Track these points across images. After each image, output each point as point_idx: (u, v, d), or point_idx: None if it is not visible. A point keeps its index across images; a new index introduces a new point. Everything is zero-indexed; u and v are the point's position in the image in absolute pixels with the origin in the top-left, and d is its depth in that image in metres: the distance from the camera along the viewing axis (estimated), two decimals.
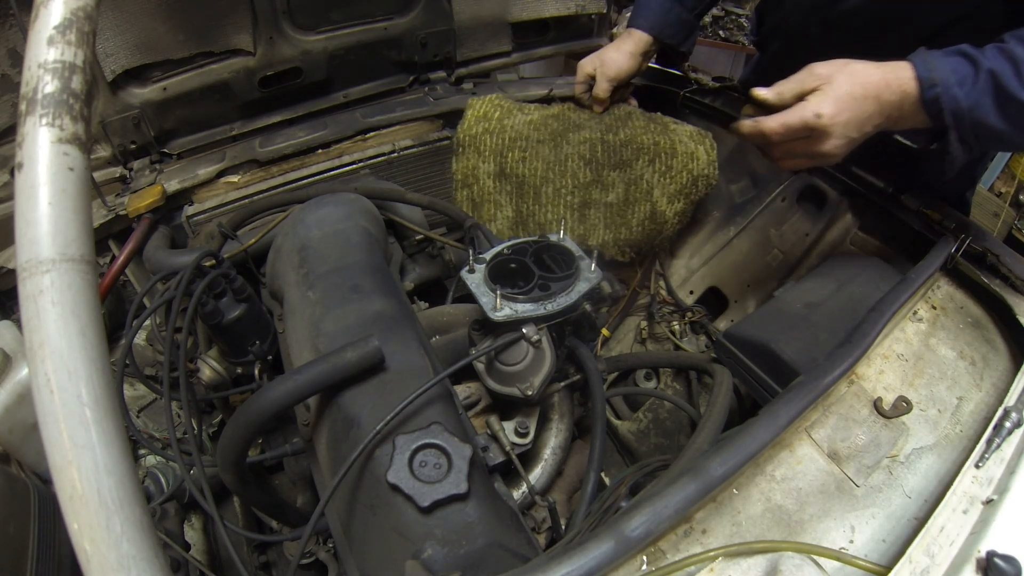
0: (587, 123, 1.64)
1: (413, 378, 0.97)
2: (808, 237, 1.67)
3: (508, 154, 1.58)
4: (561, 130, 1.60)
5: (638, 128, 1.59)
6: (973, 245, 1.20)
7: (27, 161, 0.61)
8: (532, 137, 1.58)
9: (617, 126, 1.61)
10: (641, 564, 0.72)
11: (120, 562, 0.53)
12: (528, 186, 1.58)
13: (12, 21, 1.33)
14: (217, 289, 1.20)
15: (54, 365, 0.56)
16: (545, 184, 1.56)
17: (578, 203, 1.57)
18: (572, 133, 1.59)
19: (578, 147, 1.56)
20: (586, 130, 1.60)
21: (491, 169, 1.62)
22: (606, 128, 1.61)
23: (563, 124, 1.62)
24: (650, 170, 1.55)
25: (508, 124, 1.61)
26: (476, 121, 1.63)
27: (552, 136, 1.58)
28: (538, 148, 1.57)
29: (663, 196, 1.56)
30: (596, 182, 1.56)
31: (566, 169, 1.56)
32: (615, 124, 1.63)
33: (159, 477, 1.36)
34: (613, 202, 1.56)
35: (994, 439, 0.87)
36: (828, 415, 0.94)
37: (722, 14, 4.04)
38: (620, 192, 1.56)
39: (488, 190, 1.64)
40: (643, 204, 1.56)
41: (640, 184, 1.55)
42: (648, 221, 1.57)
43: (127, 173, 1.68)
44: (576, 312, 1.14)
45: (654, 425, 1.56)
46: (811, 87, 1.08)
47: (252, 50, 1.67)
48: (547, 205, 1.58)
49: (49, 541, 0.92)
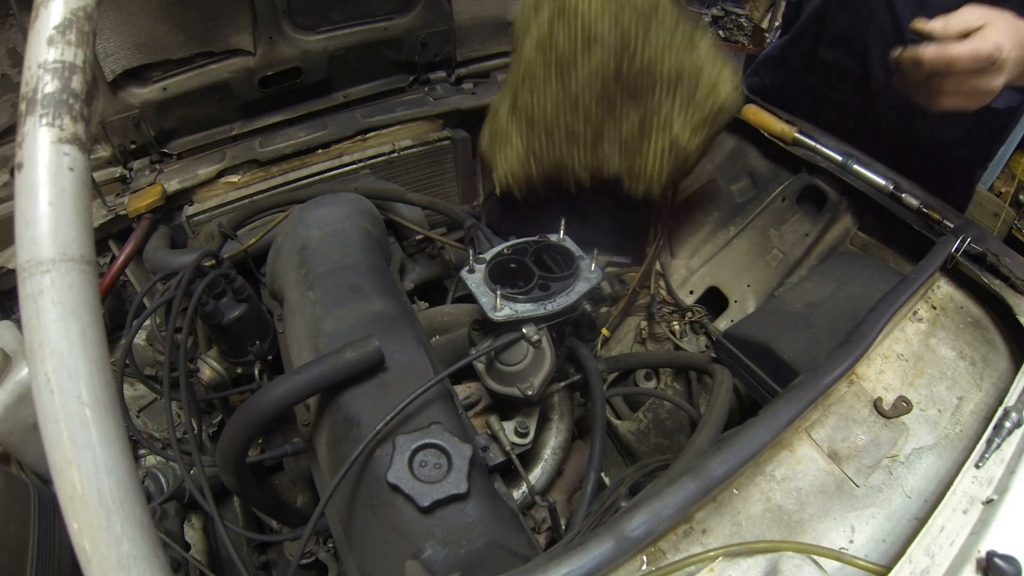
0: (603, 36, 1.40)
1: (413, 378, 0.97)
2: (808, 237, 1.67)
3: (520, 88, 1.46)
4: (567, 52, 1.41)
5: (660, 45, 1.39)
6: (973, 245, 1.20)
7: (27, 161, 0.61)
8: (538, 69, 1.43)
9: (636, 41, 1.40)
10: (641, 564, 0.72)
11: (120, 562, 0.53)
12: (538, 125, 1.48)
13: (12, 21, 1.33)
14: (217, 289, 1.20)
15: (54, 365, 0.56)
16: (556, 122, 1.46)
17: (591, 139, 1.47)
18: (583, 56, 1.40)
19: (588, 81, 1.41)
20: (599, 49, 1.40)
21: (507, 104, 1.52)
22: (623, 46, 1.39)
23: (570, 35, 1.40)
24: (669, 100, 1.42)
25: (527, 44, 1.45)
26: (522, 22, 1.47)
27: (559, 65, 1.41)
28: (544, 87, 1.43)
29: (686, 128, 1.43)
30: (609, 113, 1.44)
31: (577, 107, 1.43)
32: (634, 38, 1.40)
33: (159, 477, 1.36)
34: (627, 136, 1.46)
35: (994, 439, 0.87)
36: (828, 415, 0.94)
37: (722, 14, 4.03)
38: (635, 124, 1.44)
39: (502, 126, 1.54)
40: (662, 136, 1.45)
41: (659, 115, 1.43)
42: (668, 153, 1.46)
43: (127, 173, 1.68)
44: (576, 312, 1.14)
45: (654, 425, 1.56)
46: (975, 25, 1.07)
47: (252, 50, 1.67)
48: (558, 143, 1.48)
49: (49, 541, 0.92)
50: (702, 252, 1.87)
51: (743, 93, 1.47)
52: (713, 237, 1.86)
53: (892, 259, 1.46)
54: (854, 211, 1.58)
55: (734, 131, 1.87)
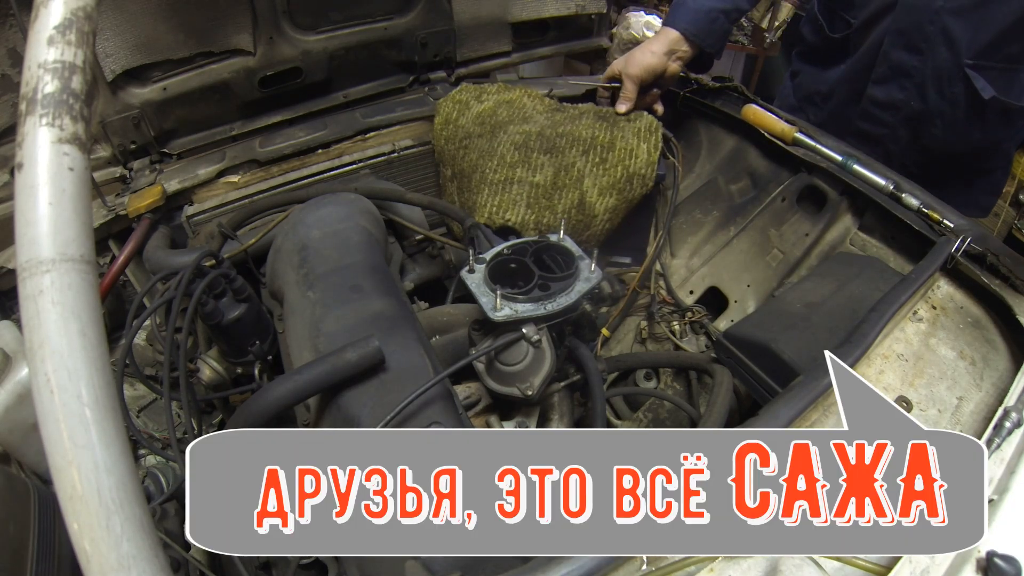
0: (536, 117, 1.64)
1: (413, 378, 0.97)
2: (808, 237, 1.67)
3: (457, 155, 1.61)
4: (505, 120, 1.61)
5: (583, 125, 1.59)
6: (973, 245, 1.20)
7: (27, 161, 0.61)
8: (474, 132, 1.60)
9: (564, 121, 1.61)
10: (641, 564, 0.72)
11: (120, 562, 0.53)
12: (465, 177, 1.58)
13: (12, 21, 1.33)
14: (217, 289, 1.20)
15: (54, 365, 0.56)
16: (475, 171, 1.55)
17: (501, 179, 1.53)
18: (514, 125, 1.59)
19: (512, 136, 1.56)
20: (530, 123, 1.60)
21: (449, 173, 1.67)
22: (551, 124, 1.60)
23: (511, 114, 1.64)
24: (583, 160, 1.51)
25: (462, 124, 1.64)
26: (440, 130, 1.67)
27: (492, 128, 1.59)
28: (477, 142, 1.58)
29: (594, 187, 1.51)
30: (523, 162, 1.52)
31: (495, 154, 1.54)
32: (563, 120, 1.62)
33: (159, 477, 1.36)
34: (540, 183, 1.51)
35: (994, 439, 0.87)
36: (828, 415, 0.94)
37: None
38: (548, 175, 1.51)
39: (448, 192, 1.69)
40: (572, 191, 1.51)
41: (571, 171, 1.51)
42: (575, 210, 1.52)
43: (127, 173, 1.68)
44: (576, 312, 1.14)
45: (654, 425, 1.55)
46: None
47: (252, 50, 1.67)
48: (474, 189, 1.55)
49: (49, 541, 0.92)
50: (702, 252, 1.87)
51: (656, 171, 1.56)
52: (713, 237, 1.86)
53: (892, 259, 1.46)
54: (854, 211, 1.58)
55: (734, 131, 1.88)
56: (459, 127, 1.64)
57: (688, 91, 1.89)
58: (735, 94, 1.81)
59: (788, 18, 3.49)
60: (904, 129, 1.75)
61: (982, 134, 1.70)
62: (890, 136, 1.79)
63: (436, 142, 1.70)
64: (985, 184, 1.89)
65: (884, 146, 1.81)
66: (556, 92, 1.87)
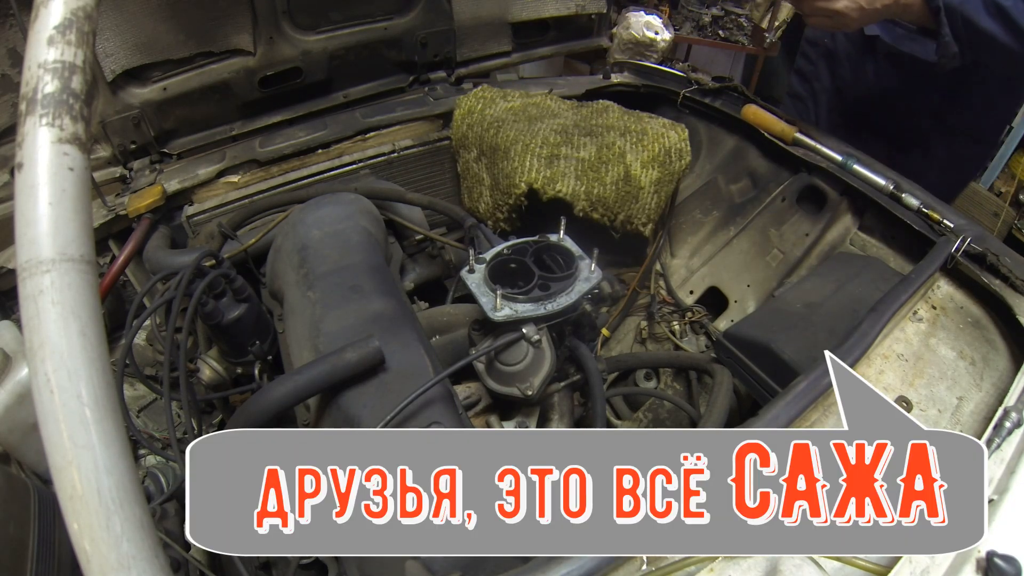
0: (564, 113, 1.72)
1: (413, 378, 0.97)
2: (808, 237, 1.67)
3: (486, 135, 1.65)
4: (535, 116, 1.69)
5: (612, 117, 1.69)
6: (973, 245, 1.20)
7: (27, 161, 0.61)
8: (507, 120, 1.66)
9: (592, 116, 1.71)
10: (641, 564, 0.72)
11: (120, 562, 0.53)
12: (500, 151, 1.61)
13: (12, 21, 1.33)
14: (217, 289, 1.20)
15: (54, 365, 0.56)
16: (515, 144, 1.59)
17: (547, 155, 1.57)
18: (546, 119, 1.67)
19: (550, 124, 1.64)
20: (561, 118, 1.68)
21: (474, 154, 1.70)
22: (582, 117, 1.69)
23: (541, 111, 1.72)
24: (622, 140, 1.59)
25: (489, 113, 1.69)
26: (462, 119, 1.71)
27: (528, 118, 1.67)
28: (512, 124, 1.64)
29: (636, 160, 1.56)
30: (566, 143, 1.59)
31: (536, 134, 1.60)
32: (591, 115, 1.70)
33: (159, 477, 1.36)
34: (585, 158, 1.56)
35: (994, 439, 0.87)
36: (828, 415, 0.94)
37: (722, 14, 4.03)
38: (592, 152, 1.57)
39: (473, 172, 1.72)
40: (616, 165, 1.56)
41: (613, 148, 1.57)
42: (622, 182, 1.56)
43: (127, 173, 1.68)
44: (576, 312, 1.14)
45: (654, 425, 1.55)
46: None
47: (252, 50, 1.67)
48: (515, 159, 1.58)
49: (49, 541, 0.91)
50: (702, 252, 1.87)
51: (689, 147, 1.64)
52: (713, 237, 1.86)
53: (892, 259, 1.46)
54: (854, 211, 1.58)
55: (734, 131, 1.88)
56: (485, 116, 1.69)
57: (688, 91, 1.89)
58: (735, 94, 1.81)
59: (788, 18, 3.48)
60: (823, 66, 1.96)
61: (876, 78, 1.84)
62: (814, 73, 1.99)
63: (456, 131, 1.72)
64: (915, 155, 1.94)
65: (810, 84, 2.02)
66: (556, 92, 1.87)
